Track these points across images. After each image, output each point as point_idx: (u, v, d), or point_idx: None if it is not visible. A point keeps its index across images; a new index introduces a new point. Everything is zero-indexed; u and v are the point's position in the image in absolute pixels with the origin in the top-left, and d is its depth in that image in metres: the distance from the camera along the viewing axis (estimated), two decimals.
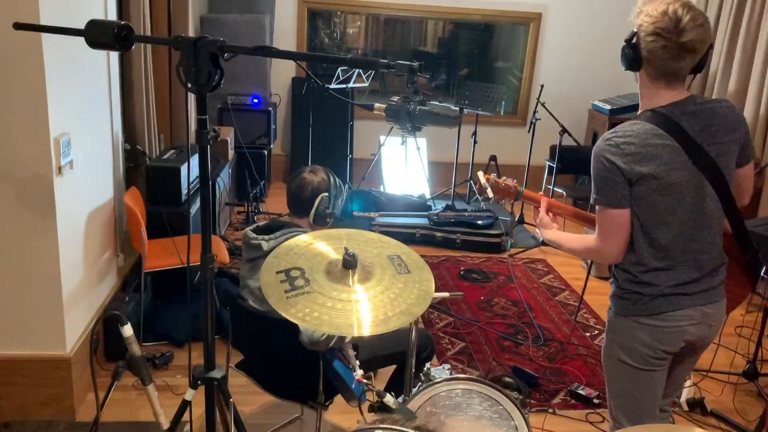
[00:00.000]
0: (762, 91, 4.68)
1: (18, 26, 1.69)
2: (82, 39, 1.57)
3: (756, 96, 4.75)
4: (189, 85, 1.52)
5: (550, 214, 2.19)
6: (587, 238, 1.93)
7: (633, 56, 1.81)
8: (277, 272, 1.54)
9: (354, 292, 1.50)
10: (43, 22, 2.34)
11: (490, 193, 2.25)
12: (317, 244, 1.65)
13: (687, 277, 1.87)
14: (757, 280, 2.10)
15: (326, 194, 2.34)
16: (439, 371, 1.91)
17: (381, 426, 0.93)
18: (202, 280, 1.55)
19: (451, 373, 1.84)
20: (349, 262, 1.53)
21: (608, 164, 1.78)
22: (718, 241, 1.91)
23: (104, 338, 3.08)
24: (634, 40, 1.80)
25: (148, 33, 3.82)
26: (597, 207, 1.86)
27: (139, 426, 2.76)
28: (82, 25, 1.58)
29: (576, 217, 2.25)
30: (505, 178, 2.30)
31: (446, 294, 2.13)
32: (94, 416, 1.65)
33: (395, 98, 1.24)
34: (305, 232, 2.15)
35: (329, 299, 1.46)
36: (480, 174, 2.24)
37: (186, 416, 1.80)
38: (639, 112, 1.89)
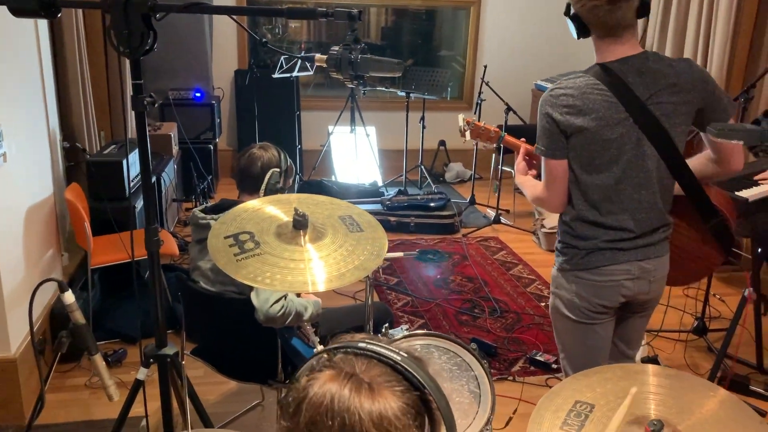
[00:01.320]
0: (695, 59, 4.83)
1: None
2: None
3: None
4: (121, 49, 1.47)
5: (526, 160, 2.14)
6: (539, 186, 1.96)
7: (577, 24, 1.83)
8: (225, 237, 1.50)
9: (306, 251, 1.48)
10: None
11: (468, 136, 2.22)
12: (266, 209, 1.62)
13: (623, 234, 1.88)
14: (729, 247, 2.04)
15: (277, 169, 2.31)
16: (397, 331, 1.90)
17: (366, 340, 0.92)
18: (149, 249, 1.50)
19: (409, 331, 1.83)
20: (300, 222, 1.50)
21: (546, 116, 1.82)
22: (659, 202, 1.89)
23: (51, 338, 2.96)
24: (570, 10, 1.83)
25: None
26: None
27: (93, 424, 2.67)
28: None
29: None
30: (485, 122, 2.28)
31: (400, 254, 2.12)
32: (39, 412, 1.57)
33: (336, 48, 1.22)
34: None
35: (281, 259, 1.44)
36: (460, 116, 2.22)
37: (139, 399, 1.75)
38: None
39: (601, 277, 1.90)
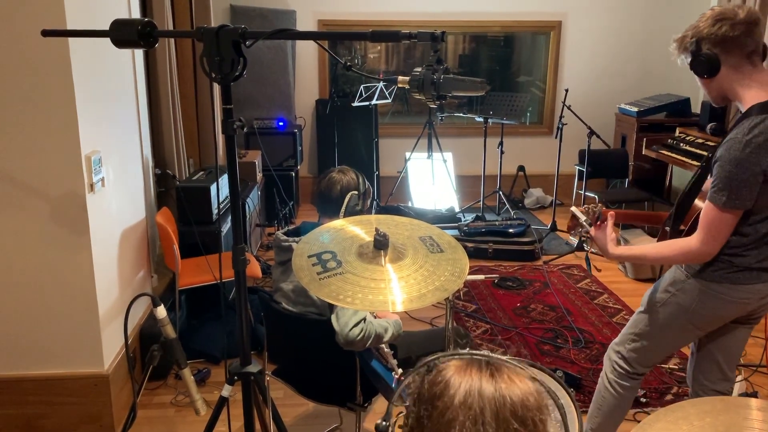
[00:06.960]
0: None
1: (46, 33, 1.73)
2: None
3: None
4: (213, 75, 1.53)
5: (599, 225, 2.16)
6: (682, 243, 1.91)
7: (707, 59, 1.80)
8: (309, 256, 1.52)
9: (387, 271, 1.47)
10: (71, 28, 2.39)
11: (587, 227, 2.16)
12: (348, 229, 1.63)
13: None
14: None
15: (356, 192, 2.33)
16: None
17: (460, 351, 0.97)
18: (236, 267, 1.54)
19: None
20: (381, 243, 1.51)
21: (754, 167, 1.75)
22: None
23: (140, 355, 3.08)
24: (701, 47, 1.81)
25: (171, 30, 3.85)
26: (716, 208, 1.82)
27: None
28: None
29: (643, 220, 2.30)
30: (586, 206, 2.22)
31: (482, 276, 2.09)
32: (132, 422, 1.63)
33: (418, 69, 1.24)
34: None
35: (362, 279, 1.44)
36: (573, 208, 2.18)
37: (222, 417, 1.78)
38: (745, 108, 1.84)
39: (738, 294, 1.93)
